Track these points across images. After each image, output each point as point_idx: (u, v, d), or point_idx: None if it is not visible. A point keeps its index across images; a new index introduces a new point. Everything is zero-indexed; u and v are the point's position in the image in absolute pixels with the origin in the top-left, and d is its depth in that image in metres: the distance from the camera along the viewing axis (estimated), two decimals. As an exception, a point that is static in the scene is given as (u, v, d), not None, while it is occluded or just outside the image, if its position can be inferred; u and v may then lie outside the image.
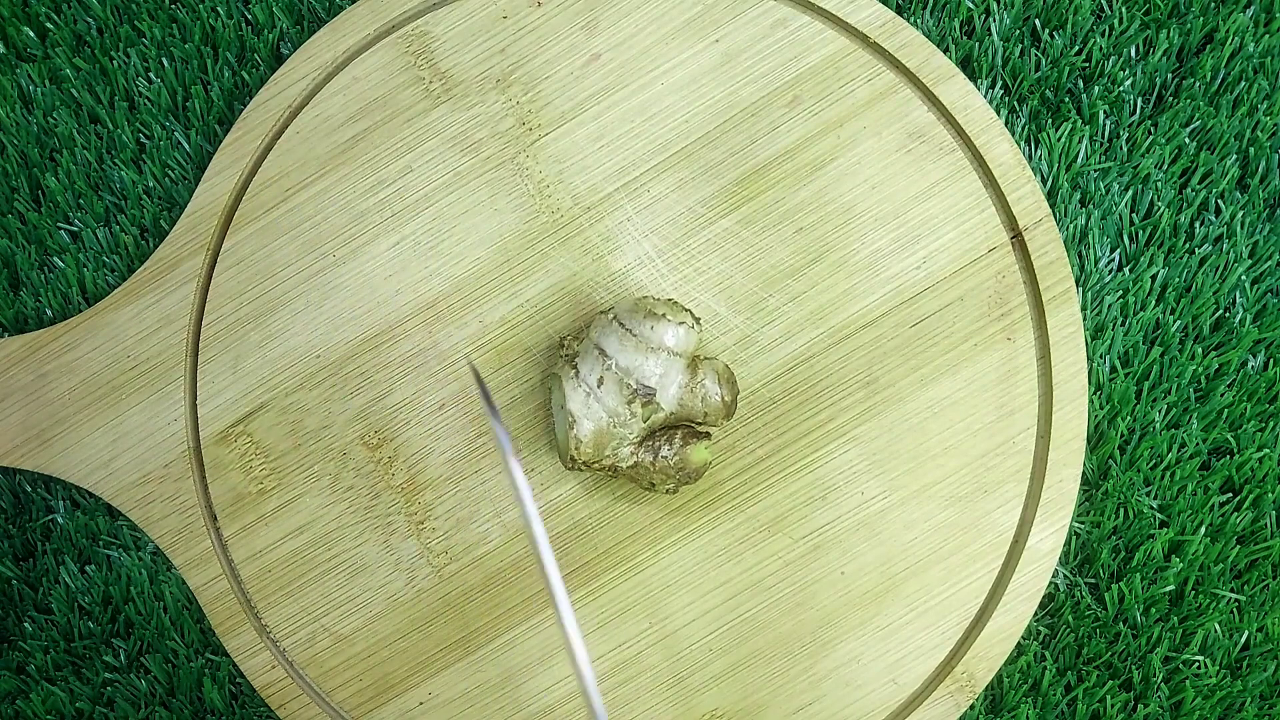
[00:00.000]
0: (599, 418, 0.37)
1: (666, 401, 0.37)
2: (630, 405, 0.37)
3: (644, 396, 0.37)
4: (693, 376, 0.38)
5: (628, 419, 0.37)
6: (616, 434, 0.37)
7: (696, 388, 0.38)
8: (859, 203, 0.41)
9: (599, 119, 0.41)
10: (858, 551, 0.40)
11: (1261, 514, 0.41)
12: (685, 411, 0.38)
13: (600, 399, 0.37)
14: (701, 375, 0.38)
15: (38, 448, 0.42)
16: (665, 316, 0.37)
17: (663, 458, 0.38)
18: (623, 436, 0.37)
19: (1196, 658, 0.41)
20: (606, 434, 0.37)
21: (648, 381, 0.37)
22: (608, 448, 0.37)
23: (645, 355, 0.37)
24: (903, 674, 0.40)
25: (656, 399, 0.37)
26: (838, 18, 0.41)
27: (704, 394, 0.38)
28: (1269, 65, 0.42)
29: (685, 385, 0.38)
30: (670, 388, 0.37)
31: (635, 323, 0.37)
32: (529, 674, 0.40)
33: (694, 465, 0.38)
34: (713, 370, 0.38)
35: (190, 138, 0.44)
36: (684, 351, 0.37)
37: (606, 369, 0.37)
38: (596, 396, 0.37)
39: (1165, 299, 0.42)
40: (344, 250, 0.41)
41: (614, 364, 0.37)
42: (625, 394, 0.37)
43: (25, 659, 0.43)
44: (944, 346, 0.40)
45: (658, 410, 0.37)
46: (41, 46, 0.45)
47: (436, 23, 0.42)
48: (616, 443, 0.37)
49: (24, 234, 0.44)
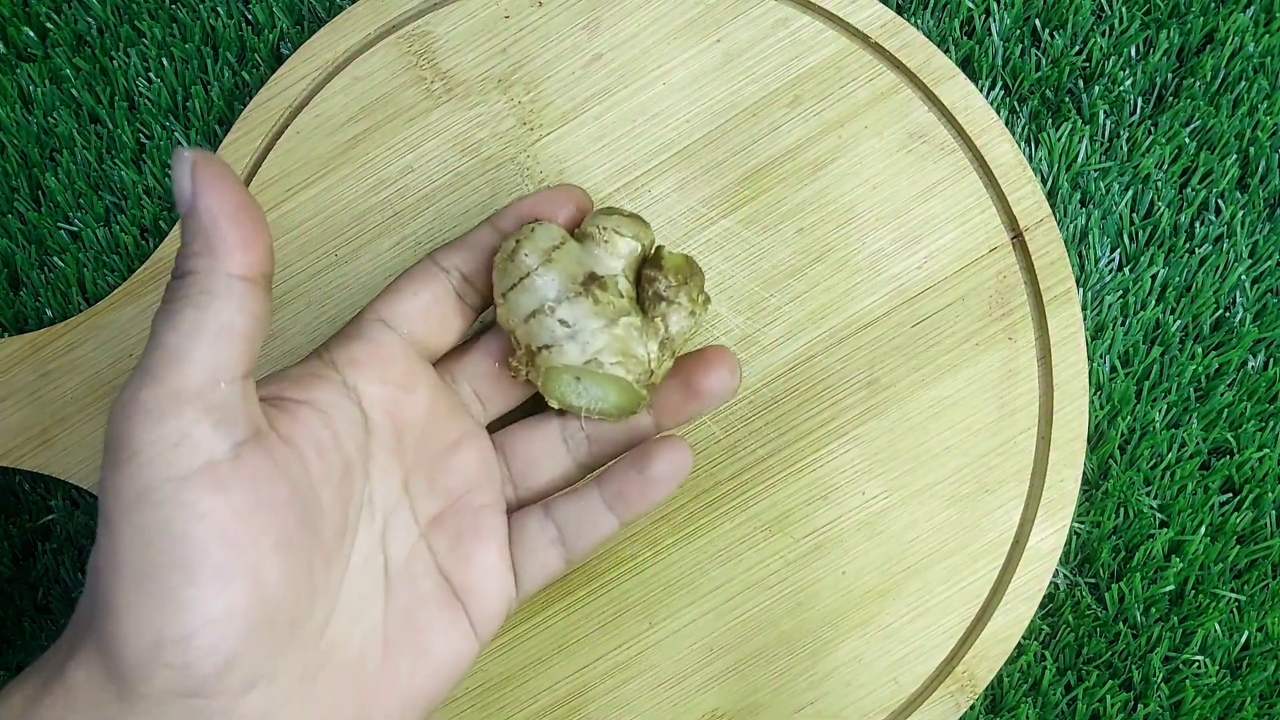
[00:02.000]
0: (597, 331, 0.32)
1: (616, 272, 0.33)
2: (593, 296, 0.32)
3: (589, 281, 0.32)
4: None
5: (610, 310, 0.32)
6: (627, 328, 0.32)
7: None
8: (860, 203, 0.41)
9: (600, 119, 0.41)
10: (859, 551, 0.40)
11: (1261, 514, 0.41)
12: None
13: (583, 326, 0.32)
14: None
15: (38, 447, 0.41)
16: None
17: (654, 286, 0.33)
18: (629, 324, 0.33)
19: (1196, 658, 0.41)
20: (624, 337, 0.32)
21: (593, 268, 0.33)
22: (635, 343, 0.32)
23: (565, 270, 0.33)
24: (903, 674, 0.40)
25: (606, 276, 0.33)
26: (838, 18, 0.41)
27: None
28: (1269, 65, 0.42)
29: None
30: (611, 262, 0.33)
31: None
32: (529, 674, 0.40)
33: (671, 268, 0.33)
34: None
35: (190, 138, 0.44)
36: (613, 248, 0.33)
37: (543, 308, 0.32)
38: (577, 329, 0.32)
39: (1165, 299, 0.42)
40: (345, 250, 0.41)
41: (548, 303, 0.32)
42: (575, 289, 0.32)
43: (25, 659, 0.43)
44: (945, 346, 0.40)
45: (617, 281, 0.33)
46: (41, 46, 0.45)
47: (438, 22, 0.42)
48: (635, 333, 0.33)
49: (24, 234, 0.44)
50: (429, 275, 0.34)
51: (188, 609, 0.26)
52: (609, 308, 0.32)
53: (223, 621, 0.26)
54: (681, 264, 0.34)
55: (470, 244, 0.34)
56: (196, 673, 0.26)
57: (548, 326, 0.32)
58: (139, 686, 0.26)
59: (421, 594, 0.33)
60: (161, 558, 0.26)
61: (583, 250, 0.33)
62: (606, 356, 0.32)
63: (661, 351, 0.33)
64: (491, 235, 0.34)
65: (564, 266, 0.32)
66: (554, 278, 0.32)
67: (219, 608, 0.26)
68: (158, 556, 0.26)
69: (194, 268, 0.27)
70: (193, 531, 0.26)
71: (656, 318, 0.33)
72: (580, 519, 0.34)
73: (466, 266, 0.34)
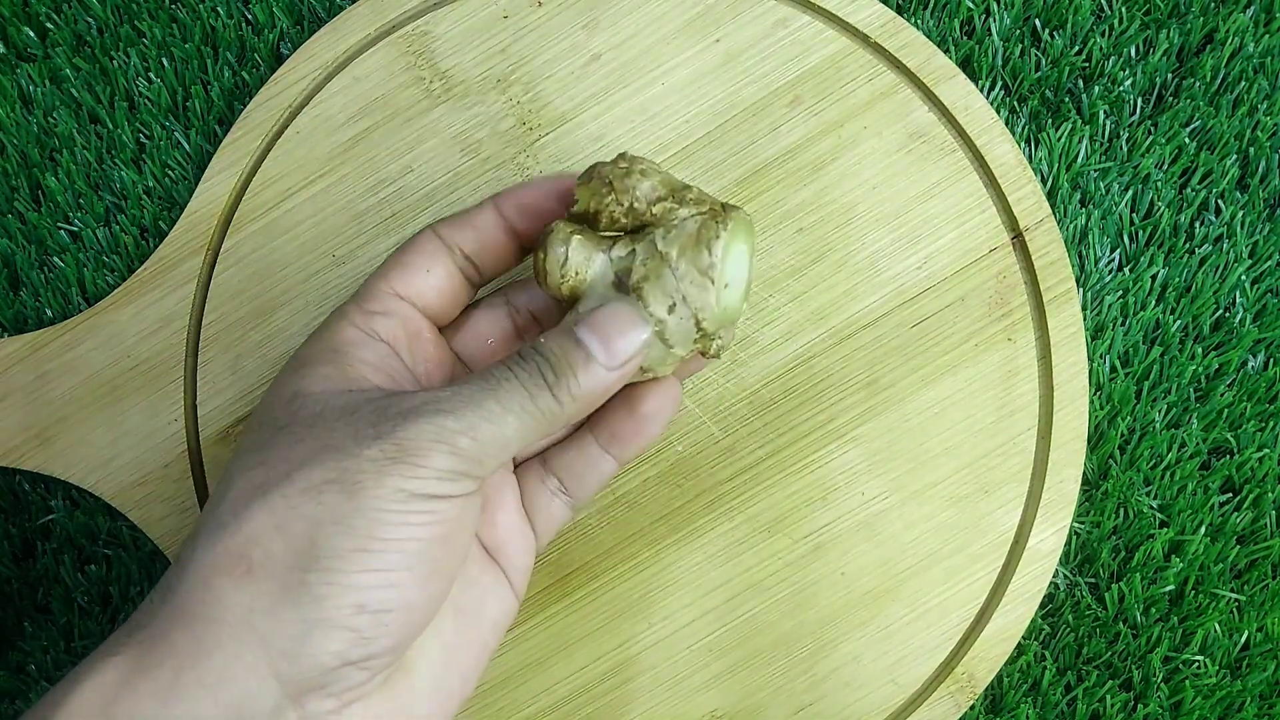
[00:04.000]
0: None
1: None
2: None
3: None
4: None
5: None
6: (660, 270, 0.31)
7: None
8: (860, 203, 0.41)
9: (599, 119, 0.41)
10: (858, 552, 0.40)
11: (1261, 514, 0.41)
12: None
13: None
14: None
15: (38, 447, 0.41)
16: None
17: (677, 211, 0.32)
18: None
19: (1196, 658, 0.41)
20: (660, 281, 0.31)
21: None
22: (654, 278, 0.31)
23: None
24: (903, 674, 0.40)
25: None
26: (838, 18, 0.41)
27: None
28: (1269, 65, 0.42)
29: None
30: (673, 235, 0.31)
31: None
32: (529, 674, 0.40)
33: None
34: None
35: (190, 138, 0.44)
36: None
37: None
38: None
39: (1165, 299, 0.42)
40: (344, 250, 0.41)
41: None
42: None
43: (25, 659, 0.43)
44: (945, 347, 0.40)
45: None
46: (41, 46, 0.45)
47: (437, 23, 0.42)
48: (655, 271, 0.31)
49: (24, 234, 0.44)
50: (438, 252, 0.34)
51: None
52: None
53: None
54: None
55: (475, 225, 0.34)
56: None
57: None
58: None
59: (470, 559, 0.34)
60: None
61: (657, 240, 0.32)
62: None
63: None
64: (494, 218, 0.34)
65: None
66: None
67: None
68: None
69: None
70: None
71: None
72: (581, 465, 0.35)
73: (468, 246, 0.34)
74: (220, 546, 0.28)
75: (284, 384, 0.31)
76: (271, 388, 0.32)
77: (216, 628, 0.27)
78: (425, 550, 0.28)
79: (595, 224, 0.32)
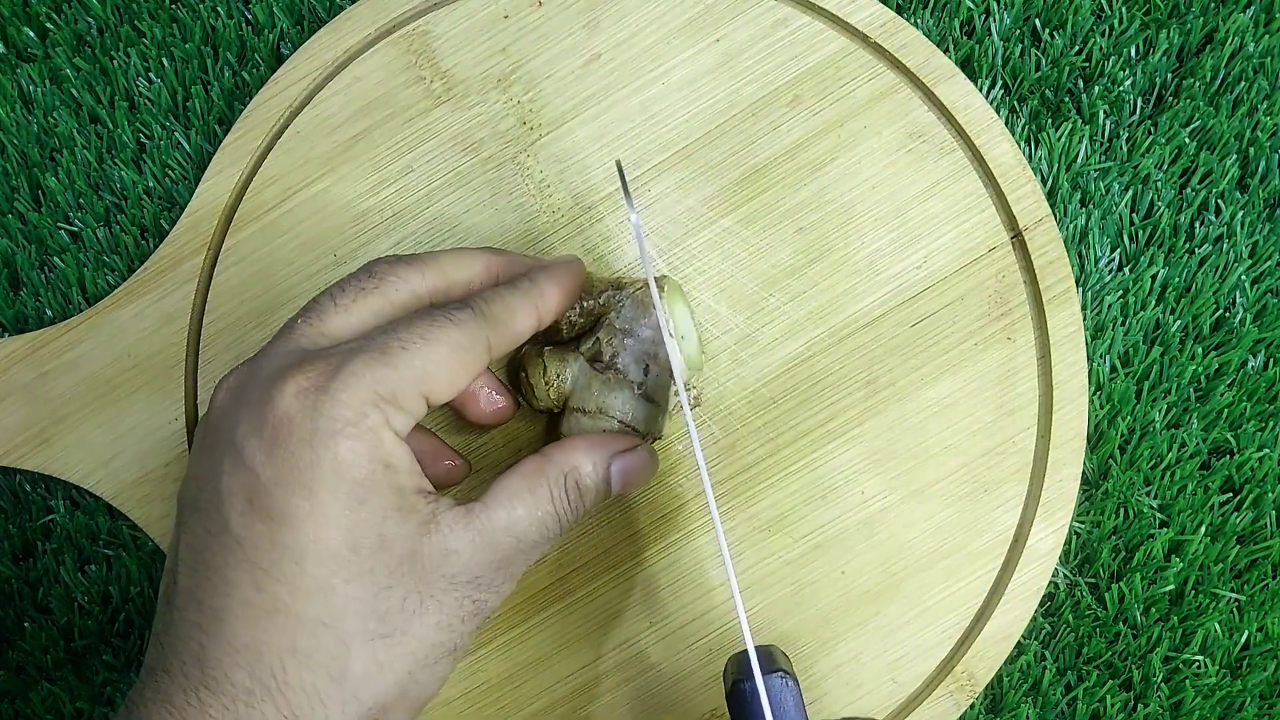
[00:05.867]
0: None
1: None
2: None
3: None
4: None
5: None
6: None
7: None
8: (859, 202, 0.41)
9: (599, 119, 0.41)
10: (858, 551, 0.40)
11: (1261, 514, 0.41)
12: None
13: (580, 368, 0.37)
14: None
15: (38, 447, 0.42)
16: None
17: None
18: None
19: (1196, 657, 0.41)
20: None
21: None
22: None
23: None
24: (903, 673, 0.40)
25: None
26: (838, 18, 0.41)
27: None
28: (1269, 65, 0.42)
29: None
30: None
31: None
32: (529, 673, 0.40)
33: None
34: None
35: (190, 138, 0.44)
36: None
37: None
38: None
39: (1165, 299, 0.42)
40: (345, 250, 0.41)
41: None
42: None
43: (25, 659, 0.43)
44: (944, 346, 0.40)
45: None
46: (41, 46, 0.45)
47: (437, 22, 0.42)
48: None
49: (24, 234, 0.44)
50: (478, 363, 0.33)
51: None
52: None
53: None
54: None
55: (509, 336, 0.34)
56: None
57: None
58: None
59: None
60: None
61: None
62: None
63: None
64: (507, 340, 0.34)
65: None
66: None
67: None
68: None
69: None
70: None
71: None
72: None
73: (498, 350, 0.34)
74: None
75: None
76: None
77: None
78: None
79: (556, 336, 0.37)
